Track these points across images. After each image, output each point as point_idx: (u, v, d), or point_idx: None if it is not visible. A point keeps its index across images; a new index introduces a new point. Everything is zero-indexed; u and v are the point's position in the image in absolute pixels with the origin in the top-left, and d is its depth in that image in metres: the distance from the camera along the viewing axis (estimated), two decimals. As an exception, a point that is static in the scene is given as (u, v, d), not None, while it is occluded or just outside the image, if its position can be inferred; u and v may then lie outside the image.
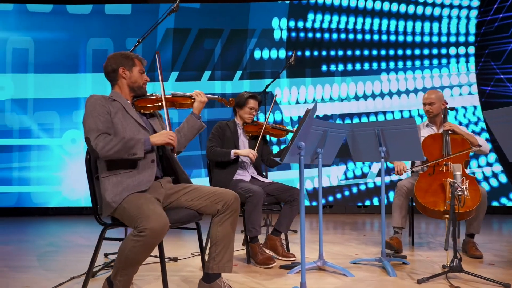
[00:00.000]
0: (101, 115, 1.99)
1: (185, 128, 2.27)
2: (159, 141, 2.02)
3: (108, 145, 1.90)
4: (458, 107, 5.42)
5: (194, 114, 2.28)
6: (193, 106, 2.28)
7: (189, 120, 2.28)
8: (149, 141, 1.99)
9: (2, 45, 5.62)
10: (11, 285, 2.36)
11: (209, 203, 2.07)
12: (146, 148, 1.97)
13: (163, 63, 5.70)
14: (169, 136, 2.03)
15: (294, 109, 5.66)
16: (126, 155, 1.92)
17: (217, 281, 2.02)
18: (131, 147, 1.93)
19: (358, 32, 5.66)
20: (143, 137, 1.98)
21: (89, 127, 1.96)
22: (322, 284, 2.33)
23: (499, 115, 2.06)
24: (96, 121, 1.96)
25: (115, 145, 1.91)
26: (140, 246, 1.69)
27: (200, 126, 2.30)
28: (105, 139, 1.92)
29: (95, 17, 5.76)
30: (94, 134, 1.93)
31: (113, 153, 1.91)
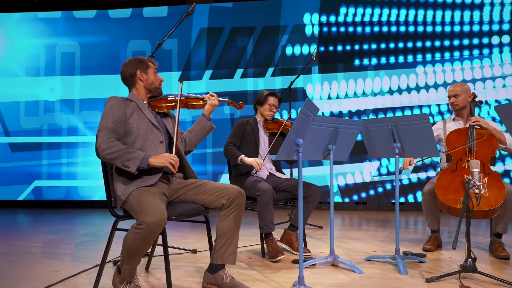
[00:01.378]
0: (115, 114, 2.14)
1: (196, 129, 2.40)
2: (157, 163, 2.04)
3: (109, 149, 2.02)
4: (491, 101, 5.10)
5: (205, 115, 2.40)
6: (204, 108, 2.39)
7: (200, 121, 2.40)
8: (146, 161, 2.03)
9: (52, 50, 6.09)
10: (43, 269, 2.61)
11: (214, 198, 2.17)
12: (141, 166, 2.01)
13: (197, 62, 5.91)
14: (170, 159, 2.05)
15: (326, 105, 5.62)
16: (120, 164, 2.01)
17: (219, 272, 2.11)
18: (127, 159, 2.01)
19: (393, 24, 5.49)
20: (143, 155, 2.03)
21: (101, 126, 2.10)
22: (328, 279, 2.35)
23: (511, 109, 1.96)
24: (108, 120, 2.10)
25: (114, 152, 2.02)
26: (139, 238, 1.82)
27: (210, 127, 2.41)
28: (109, 143, 2.03)
29: (134, 20, 6.07)
30: (102, 134, 2.06)
31: (110, 159, 2.03)
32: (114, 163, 2.05)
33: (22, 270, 2.60)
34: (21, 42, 6.13)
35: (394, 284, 2.26)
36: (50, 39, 6.11)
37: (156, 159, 2.05)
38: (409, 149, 2.68)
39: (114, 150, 2.02)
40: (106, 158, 2.04)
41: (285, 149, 1.94)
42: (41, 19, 6.15)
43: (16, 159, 6.04)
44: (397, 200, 2.70)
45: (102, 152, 2.03)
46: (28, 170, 6.01)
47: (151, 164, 2.03)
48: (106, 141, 2.04)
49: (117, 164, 2.03)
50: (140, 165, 2.01)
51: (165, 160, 2.04)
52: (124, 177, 2.09)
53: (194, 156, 5.82)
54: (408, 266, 2.61)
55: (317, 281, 2.30)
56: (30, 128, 6.05)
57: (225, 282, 2.09)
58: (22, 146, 6.03)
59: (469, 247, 2.31)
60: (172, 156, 2.07)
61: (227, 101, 2.57)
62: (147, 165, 2.03)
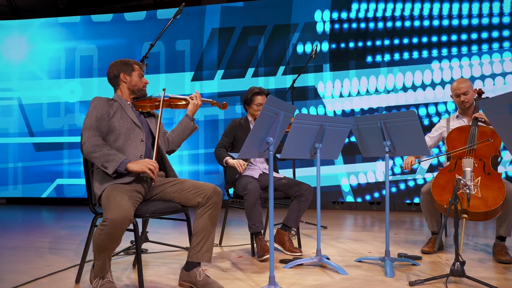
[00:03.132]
0: (99, 113, 2.20)
1: (179, 129, 2.43)
2: (135, 168, 2.07)
3: (92, 148, 2.09)
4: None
5: (188, 115, 2.42)
6: (188, 108, 2.42)
7: (183, 121, 2.43)
8: (125, 165, 2.06)
9: (71, 54, 6.33)
10: (39, 263, 2.72)
11: (190, 196, 2.18)
12: (119, 169, 2.05)
13: (209, 62, 5.96)
14: (148, 165, 2.07)
15: (338, 103, 5.51)
16: (100, 164, 2.08)
17: (194, 270, 2.13)
18: (107, 161, 2.06)
19: (406, 18, 5.31)
20: (123, 159, 2.07)
21: (85, 125, 2.18)
22: (308, 280, 2.31)
23: (493, 105, 1.84)
24: (92, 119, 2.17)
25: (97, 152, 2.08)
26: (104, 234, 1.86)
27: (192, 127, 2.43)
28: (94, 142, 2.10)
29: (148, 22, 6.20)
30: (87, 132, 2.14)
31: (92, 158, 2.10)
32: (94, 162, 2.12)
33: (18, 263, 2.72)
34: (43, 47, 6.41)
35: (376, 286, 2.19)
36: (69, 43, 6.35)
37: (135, 164, 2.08)
38: (399, 147, 2.58)
39: (97, 150, 2.09)
40: (89, 156, 2.11)
41: (250, 147, 1.92)
42: (61, 24, 6.41)
43: (39, 158, 6.33)
44: (387, 199, 2.61)
45: (86, 150, 2.11)
46: (50, 169, 6.28)
47: (129, 169, 2.07)
48: (91, 139, 2.12)
49: (97, 163, 2.10)
50: (118, 168, 2.05)
51: (144, 166, 2.07)
52: (101, 174, 2.14)
53: (208, 156, 5.88)
54: (399, 268, 2.53)
55: (296, 282, 2.27)
56: (52, 129, 6.31)
57: (198, 280, 2.10)
58: (45, 146, 6.31)
59: (457, 251, 2.20)
60: (152, 161, 2.09)
61: (211, 101, 2.58)
62: (124, 169, 2.06)
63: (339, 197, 5.47)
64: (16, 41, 6.47)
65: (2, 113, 6.44)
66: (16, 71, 6.45)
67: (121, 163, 2.06)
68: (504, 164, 4.93)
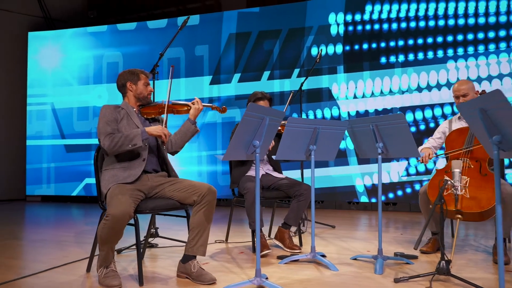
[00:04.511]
0: (110, 120, 2.42)
1: (181, 132, 2.62)
2: (154, 132, 2.39)
3: (113, 142, 2.31)
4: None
5: (190, 119, 2.60)
6: (190, 112, 2.60)
7: (185, 124, 2.62)
8: (145, 132, 2.36)
9: (99, 61, 6.72)
10: (58, 254, 2.99)
11: (187, 195, 2.37)
12: (144, 137, 2.34)
13: (227, 66, 6.16)
14: (164, 131, 2.39)
15: (352, 104, 5.56)
16: (128, 146, 2.31)
17: (189, 262, 2.31)
18: (131, 139, 2.32)
19: (421, 19, 5.30)
20: (140, 130, 2.36)
21: (99, 131, 2.40)
22: (298, 275, 2.43)
23: (467, 109, 1.90)
24: (105, 125, 2.39)
25: (118, 141, 2.31)
26: (106, 228, 2.07)
27: (194, 131, 2.61)
28: (110, 138, 2.33)
29: (169, 29, 6.48)
30: (102, 135, 2.36)
31: (118, 148, 2.32)
32: (124, 150, 2.33)
33: (40, 254, 3.01)
34: (74, 55, 6.84)
35: (361, 282, 2.29)
36: (97, 50, 6.74)
37: (152, 129, 2.39)
38: (391, 148, 2.66)
39: (117, 140, 2.31)
40: (115, 150, 2.32)
41: (235, 150, 2.07)
42: (90, 33, 6.82)
43: (70, 159, 6.76)
44: (379, 200, 2.69)
45: (109, 149, 2.33)
46: (80, 169, 6.69)
47: (149, 133, 2.37)
48: (107, 138, 2.33)
49: (126, 148, 2.32)
50: (142, 137, 2.33)
51: (160, 130, 2.39)
52: (109, 174, 2.36)
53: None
54: (392, 267, 2.60)
55: (285, 276, 2.40)
56: (82, 131, 6.73)
57: (193, 271, 2.28)
58: (75, 147, 6.73)
59: (443, 250, 2.27)
60: (165, 128, 2.43)
61: (211, 106, 2.76)
62: (147, 135, 2.36)
63: (353, 198, 5.52)
64: (51, 50, 6.95)
65: (37, 117, 6.93)
66: (50, 78, 6.93)
67: (142, 133, 2.34)
68: None
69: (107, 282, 2.16)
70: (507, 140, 1.76)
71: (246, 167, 3.26)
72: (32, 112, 6.96)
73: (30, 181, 6.95)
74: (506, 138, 1.76)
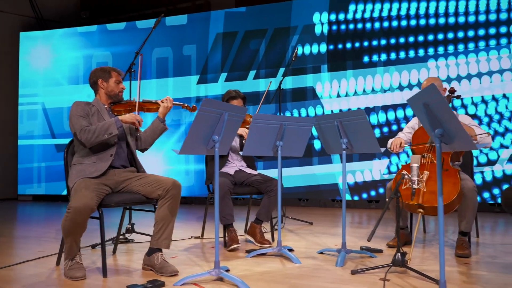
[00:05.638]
0: (82, 116, 2.49)
1: (150, 129, 2.69)
2: (127, 119, 2.49)
3: (89, 135, 2.38)
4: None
5: (159, 117, 2.67)
6: (159, 110, 2.67)
7: (154, 122, 2.69)
8: (119, 120, 2.45)
9: (89, 60, 6.81)
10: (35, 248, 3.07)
11: (152, 189, 2.44)
12: (118, 125, 2.42)
13: (214, 65, 6.23)
14: (136, 117, 2.50)
15: (335, 103, 5.63)
16: (104, 136, 2.39)
17: (153, 255, 2.38)
18: (106, 129, 2.39)
19: (403, 18, 5.36)
20: (114, 120, 2.44)
21: (74, 126, 2.45)
22: (260, 267, 2.50)
23: (415, 102, 1.96)
24: (78, 120, 2.45)
25: (94, 133, 2.38)
26: (68, 221, 2.15)
27: (162, 128, 2.68)
28: (85, 132, 2.39)
29: (158, 29, 6.54)
30: (78, 130, 2.42)
31: (95, 139, 2.39)
32: (101, 140, 2.40)
33: (18, 249, 3.09)
34: (65, 55, 6.93)
35: (319, 274, 2.35)
36: (87, 50, 6.83)
37: (126, 117, 2.49)
38: (355, 144, 2.72)
39: (93, 132, 2.38)
40: (92, 141, 2.39)
41: (193, 144, 2.14)
42: (80, 33, 6.90)
43: (60, 158, 6.83)
44: (343, 196, 2.76)
45: (87, 142, 2.40)
46: (70, 168, 6.77)
47: (122, 121, 2.47)
48: (83, 132, 2.39)
49: (102, 138, 2.39)
50: (117, 126, 2.42)
51: (133, 118, 2.50)
52: (76, 169, 2.44)
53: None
54: (355, 260, 2.67)
55: (248, 268, 2.47)
56: (72, 131, 6.80)
57: (156, 263, 2.35)
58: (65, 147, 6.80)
59: (399, 243, 2.33)
60: (138, 116, 2.53)
61: (182, 104, 2.82)
62: (121, 123, 2.45)
63: (336, 195, 5.59)
64: (41, 50, 7.03)
65: (28, 117, 7.02)
66: (41, 78, 7.01)
67: (116, 122, 2.42)
68: (502, 162, 4.87)
69: (71, 274, 2.24)
70: (448, 134, 1.83)
71: (220, 164, 3.33)
72: (23, 112, 7.05)
73: (21, 181, 7.03)
74: (447, 132, 1.83)
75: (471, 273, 2.35)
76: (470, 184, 2.75)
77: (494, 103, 4.87)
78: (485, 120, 4.91)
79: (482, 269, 2.45)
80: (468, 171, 3.28)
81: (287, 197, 5.81)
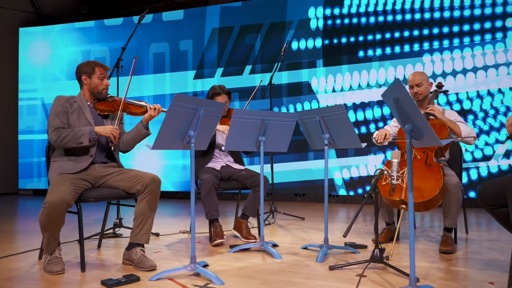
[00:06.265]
0: (59, 113, 2.50)
1: (133, 133, 2.64)
2: (102, 132, 2.44)
3: (59, 138, 2.39)
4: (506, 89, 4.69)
5: (142, 122, 2.62)
6: (144, 116, 2.62)
7: (137, 126, 2.63)
8: (93, 132, 2.43)
9: (87, 56, 6.84)
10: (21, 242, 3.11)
11: (131, 184, 2.46)
12: (91, 137, 2.41)
13: (210, 60, 6.22)
14: (113, 131, 2.45)
15: (331, 98, 5.60)
16: (74, 144, 2.40)
17: (132, 249, 2.40)
18: (78, 138, 2.40)
19: (398, 12, 5.30)
20: (88, 128, 2.43)
21: (49, 123, 2.48)
22: (240, 262, 2.51)
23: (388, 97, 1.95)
24: (54, 118, 2.47)
25: (65, 137, 2.39)
26: (44, 215, 2.17)
27: (145, 134, 2.64)
28: (57, 133, 2.40)
29: (155, 24, 6.57)
30: (51, 129, 2.45)
31: (64, 144, 2.40)
32: (70, 146, 2.40)
33: (4, 243, 3.13)
34: (63, 50, 6.97)
35: (296, 269, 2.36)
36: (85, 46, 6.86)
37: (101, 129, 2.45)
38: (337, 140, 2.71)
39: (64, 137, 2.39)
40: (61, 145, 2.41)
41: (168, 140, 2.15)
42: (78, 28, 6.93)
43: (59, 153, 6.89)
44: (326, 193, 2.75)
45: (55, 143, 2.41)
46: (68, 163, 6.83)
47: (97, 133, 2.43)
48: (54, 133, 2.40)
49: (72, 145, 2.39)
50: (90, 137, 2.41)
51: (108, 131, 2.44)
52: (55, 165, 2.46)
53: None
54: (337, 256, 2.67)
55: (227, 263, 2.48)
56: (70, 126, 6.85)
57: (135, 258, 2.37)
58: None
59: (377, 239, 2.33)
60: (115, 128, 2.47)
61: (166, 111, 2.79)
62: (95, 135, 2.42)
63: (332, 191, 5.58)
64: (40, 46, 7.08)
65: (28, 112, 7.08)
66: (39, 73, 7.07)
67: (90, 132, 2.41)
68: (497, 158, 4.82)
69: (49, 268, 2.27)
70: (417, 130, 1.82)
71: (206, 159, 3.34)
72: (23, 107, 7.12)
73: (22, 175, 7.12)
74: (417, 128, 1.81)
75: (450, 269, 2.34)
76: (454, 180, 2.73)
77: (490, 98, 4.81)
78: (481, 115, 4.85)
79: (463, 265, 2.43)
80: (456, 167, 3.25)
81: (282, 192, 5.82)
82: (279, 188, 5.75)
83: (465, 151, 4.82)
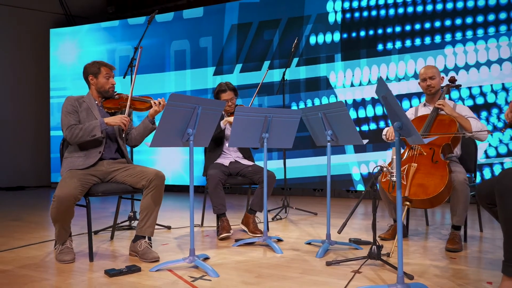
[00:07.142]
0: (71, 112, 2.65)
1: (140, 128, 2.78)
2: (112, 122, 2.58)
3: (73, 134, 2.54)
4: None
5: (148, 118, 2.75)
6: (150, 111, 2.74)
7: (144, 122, 2.77)
8: (104, 123, 2.56)
9: (112, 54, 7.08)
10: (41, 233, 3.30)
11: (137, 180, 2.57)
12: (102, 128, 2.55)
13: (229, 56, 6.29)
14: (123, 119, 2.59)
15: (349, 92, 5.54)
16: (88, 137, 2.54)
17: (138, 241, 2.51)
18: (91, 131, 2.53)
19: (418, 3, 5.15)
20: (99, 120, 2.56)
21: (62, 122, 2.63)
22: (241, 256, 2.56)
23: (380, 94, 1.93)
24: (66, 117, 2.62)
25: (78, 133, 2.54)
26: (54, 208, 2.31)
27: (151, 128, 2.77)
28: (71, 131, 2.55)
29: (176, 22, 6.71)
30: (64, 128, 2.60)
31: (79, 139, 2.55)
32: (84, 140, 2.55)
33: (25, 233, 3.33)
34: (90, 49, 7.25)
35: (294, 264, 2.39)
36: (110, 45, 7.10)
37: (111, 119, 2.58)
38: (340, 136, 2.71)
39: (77, 133, 2.53)
40: (76, 140, 2.55)
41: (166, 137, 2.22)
42: (103, 28, 7.18)
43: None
44: (328, 189, 2.76)
45: (70, 140, 2.57)
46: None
47: (108, 124, 2.56)
48: (68, 131, 2.55)
49: (86, 139, 2.54)
50: (102, 128, 2.55)
51: (118, 120, 2.58)
52: (66, 162, 2.61)
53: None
54: (338, 251, 2.67)
55: (227, 257, 2.54)
56: (98, 122, 7.13)
57: (139, 250, 2.48)
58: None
59: (375, 236, 2.32)
60: (124, 116, 2.59)
61: None
62: (106, 126, 2.56)
63: (350, 186, 5.53)
64: (69, 46, 7.40)
65: (58, 110, 7.42)
66: (69, 72, 7.39)
67: (101, 124, 2.54)
68: (522, 153, 4.62)
69: (60, 257, 2.41)
70: (405, 127, 1.80)
71: (215, 155, 3.42)
72: (54, 104, 7.47)
73: (54, 169, 7.48)
74: (405, 125, 1.80)
75: (450, 268, 2.30)
76: (461, 176, 2.66)
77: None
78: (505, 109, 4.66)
79: (464, 264, 2.38)
80: (470, 163, 3.16)
81: (300, 187, 5.83)
82: (297, 183, 5.76)
83: (488, 146, 4.65)
